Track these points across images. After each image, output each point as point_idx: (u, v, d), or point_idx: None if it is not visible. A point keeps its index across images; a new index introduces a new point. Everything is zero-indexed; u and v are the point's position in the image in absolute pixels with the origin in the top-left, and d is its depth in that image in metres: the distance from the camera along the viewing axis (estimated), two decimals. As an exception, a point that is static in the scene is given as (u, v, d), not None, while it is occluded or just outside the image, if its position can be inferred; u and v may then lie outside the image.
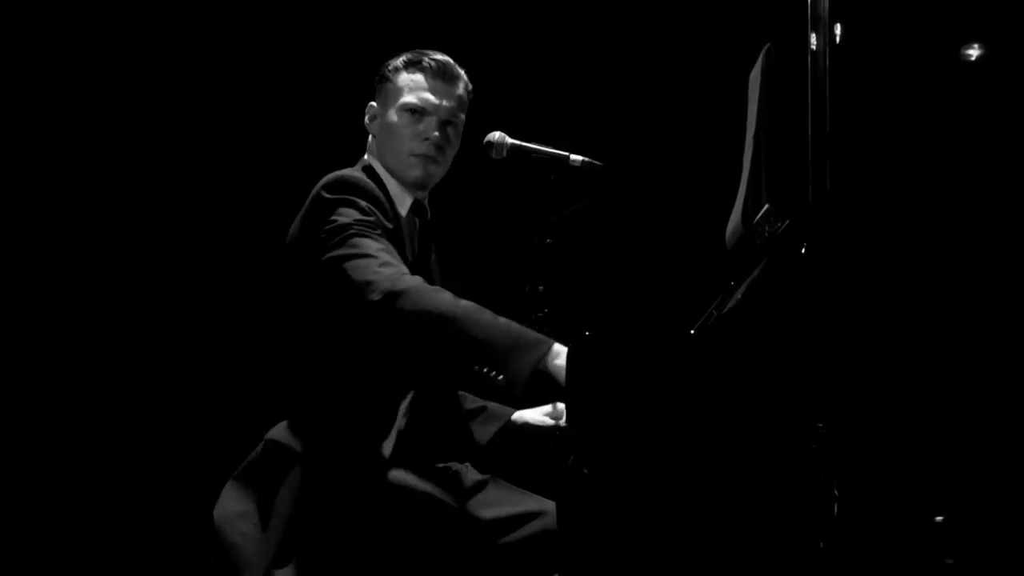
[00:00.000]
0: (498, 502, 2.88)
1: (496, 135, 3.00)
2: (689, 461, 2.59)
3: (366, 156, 3.08)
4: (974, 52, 4.22)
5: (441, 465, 2.99)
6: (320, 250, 2.84)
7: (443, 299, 2.71)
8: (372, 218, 2.86)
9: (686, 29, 4.54)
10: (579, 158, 2.98)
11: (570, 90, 4.59)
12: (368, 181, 2.93)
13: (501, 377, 2.73)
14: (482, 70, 3.12)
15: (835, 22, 2.74)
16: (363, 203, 2.87)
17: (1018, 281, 3.98)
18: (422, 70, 3.01)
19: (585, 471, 2.62)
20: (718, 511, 2.61)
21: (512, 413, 3.12)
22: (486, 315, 2.69)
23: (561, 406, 3.08)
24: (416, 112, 3.00)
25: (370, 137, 3.08)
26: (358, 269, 2.76)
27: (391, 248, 2.83)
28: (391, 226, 2.91)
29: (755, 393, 2.58)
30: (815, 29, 2.72)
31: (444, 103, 3.01)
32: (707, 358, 2.59)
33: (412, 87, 3.01)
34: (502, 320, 2.69)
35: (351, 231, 2.82)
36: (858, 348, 2.86)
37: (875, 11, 4.11)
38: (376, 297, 2.71)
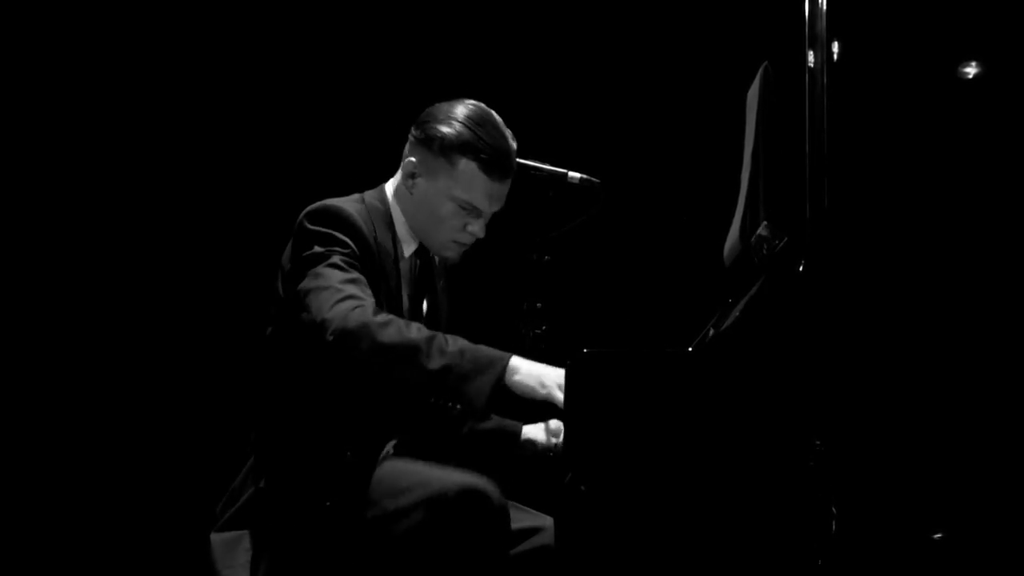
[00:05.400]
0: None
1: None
2: (687, 479, 2.59)
3: (389, 190, 3.01)
4: (971, 70, 4.23)
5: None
6: (292, 282, 2.82)
7: (393, 333, 2.67)
8: (347, 251, 2.82)
9: (684, 47, 4.55)
10: (577, 175, 2.98)
11: (569, 107, 4.59)
12: (350, 212, 2.86)
13: (459, 406, 2.74)
14: (481, 88, 3.12)
15: (833, 40, 2.74)
16: (342, 236, 2.83)
17: (1017, 296, 3.99)
18: (484, 167, 2.88)
19: (583, 488, 2.62)
20: (716, 528, 2.60)
21: (522, 429, 3.12)
22: (436, 344, 2.66)
23: (554, 423, 3.08)
24: (468, 210, 2.93)
25: (400, 178, 2.99)
26: (315, 305, 2.73)
27: (358, 278, 2.79)
28: (376, 261, 2.88)
29: (753, 410, 2.58)
30: (813, 47, 2.73)
31: (497, 204, 2.95)
32: (705, 375, 2.59)
33: (470, 184, 2.89)
34: (454, 346, 2.67)
35: (323, 262, 2.78)
36: (856, 365, 2.86)
37: (873, 29, 4.12)
38: (329, 337, 2.68)
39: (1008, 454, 3.84)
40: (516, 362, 2.67)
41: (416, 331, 2.68)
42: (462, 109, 2.93)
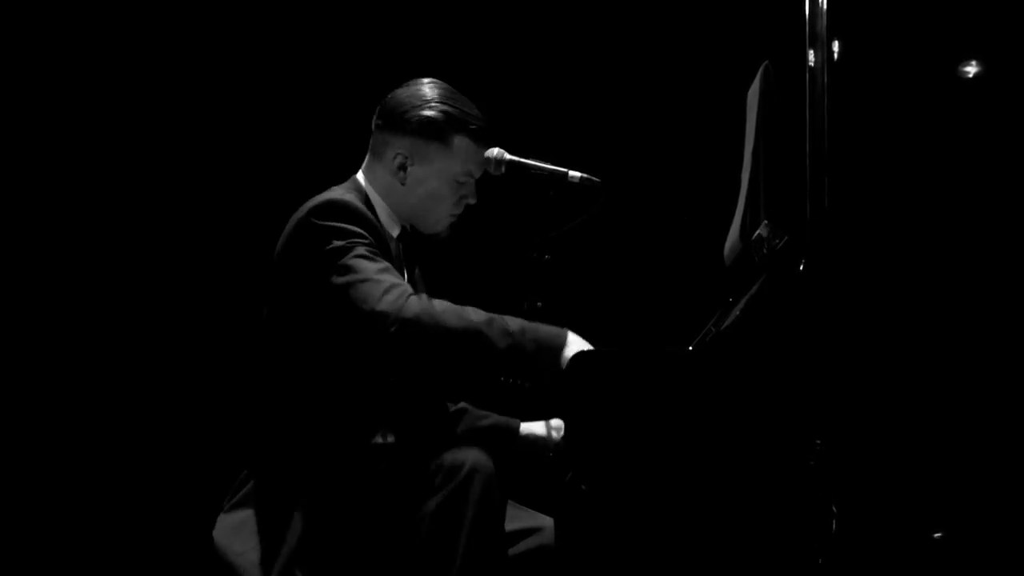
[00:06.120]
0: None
1: (495, 151, 3.00)
2: (688, 478, 2.59)
3: (361, 178, 3.02)
4: (971, 70, 4.23)
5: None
6: (319, 278, 2.79)
7: (454, 318, 2.69)
8: (367, 240, 2.82)
9: (685, 46, 4.55)
10: (578, 174, 2.98)
11: (569, 106, 4.59)
12: (358, 204, 2.87)
13: (528, 384, 2.78)
14: (481, 86, 3.11)
15: (833, 39, 2.74)
16: (355, 228, 2.82)
17: (1017, 296, 3.99)
18: (475, 138, 2.95)
19: (583, 487, 2.62)
20: (716, 528, 2.60)
21: (520, 426, 3.11)
22: (497, 325, 2.70)
23: (556, 421, 3.08)
24: (463, 182, 2.98)
25: (381, 168, 3.00)
26: (364, 299, 2.72)
27: (390, 267, 2.80)
28: (383, 248, 2.87)
29: (753, 410, 2.58)
30: (813, 46, 2.73)
31: (482, 167, 3.00)
32: (705, 375, 2.59)
33: (466, 157, 2.95)
34: (514, 325, 2.70)
35: (349, 255, 2.78)
36: (857, 364, 2.86)
37: (873, 29, 4.12)
38: (391, 329, 2.68)
39: (1008, 454, 3.84)
40: (572, 337, 2.71)
41: (474, 314, 2.72)
42: (429, 90, 2.98)
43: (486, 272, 4.41)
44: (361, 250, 2.80)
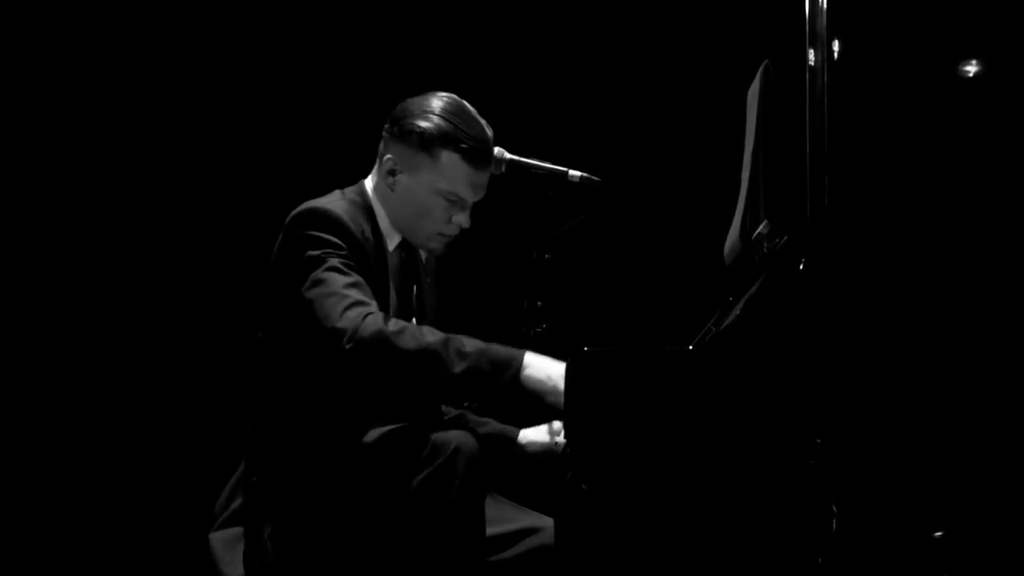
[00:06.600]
0: (495, 518, 2.86)
1: (495, 150, 2.99)
2: (688, 478, 2.59)
3: (368, 186, 3.00)
4: (971, 69, 4.23)
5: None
6: (290, 287, 2.80)
7: (410, 340, 2.69)
8: (342, 252, 2.81)
9: (685, 45, 4.55)
10: (578, 174, 2.98)
11: (569, 105, 4.59)
12: (339, 214, 2.85)
13: (476, 405, 2.77)
14: (481, 85, 3.11)
15: (833, 39, 2.74)
16: (332, 238, 2.82)
17: (1017, 296, 3.99)
18: (466, 157, 2.90)
19: (583, 487, 2.62)
20: (717, 527, 2.60)
21: (518, 434, 3.11)
22: (453, 347, 2.68)
23: (557, 424, 3.08)
24: (454, 202, 2.94)
25: (379, 176, 2.99)
26: (326, 313, 2.72)
27: (360, 281, 2.79)
28: (367, 259, 2.87)
29: (753, 409, 2.58)
30: (813, 45, 2.73)
31: (480, 193, 2.97)
32: (705, 374, 2.59)
33: (453, 175, 2.90)
34: (471, 347, 2.69)
35: (321, 267, 2.78)
36: (857, 363, 2.86)
37: (873, 28, 4.12)
38: (347, 345, 2.69)
39: (1008, 454, 3.84)
40: (529, 358, 2.69)
41: (431, 335, 2.70)
42: (437, 102, 2.94)
43: (486, 271, 4.41)
44: (334, 262, 2.79)
